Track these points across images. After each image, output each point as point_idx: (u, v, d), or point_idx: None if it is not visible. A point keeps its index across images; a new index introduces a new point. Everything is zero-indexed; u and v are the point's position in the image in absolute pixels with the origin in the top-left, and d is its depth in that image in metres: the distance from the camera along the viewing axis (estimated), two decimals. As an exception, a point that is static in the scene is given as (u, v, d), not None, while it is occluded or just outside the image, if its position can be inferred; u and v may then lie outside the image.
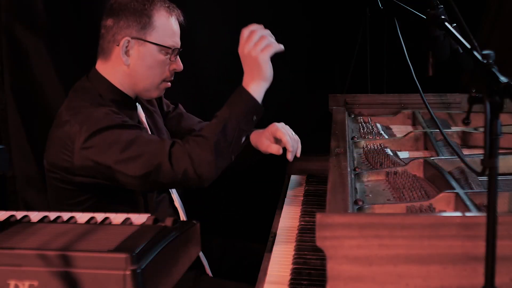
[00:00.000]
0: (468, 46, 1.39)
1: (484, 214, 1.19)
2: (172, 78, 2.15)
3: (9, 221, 1.26)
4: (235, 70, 3.51)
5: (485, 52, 1.27)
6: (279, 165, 2.75)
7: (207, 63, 3.40)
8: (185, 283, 2.13)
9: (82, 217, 1.29)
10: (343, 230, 1.36)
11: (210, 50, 3.39)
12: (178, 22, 2.13)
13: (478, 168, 1.21)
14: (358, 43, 3.19)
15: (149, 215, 1.26)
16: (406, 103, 2.67)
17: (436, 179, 1.84)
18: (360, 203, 1.68)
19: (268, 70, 2.00)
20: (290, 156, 2.16)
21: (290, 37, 3.56)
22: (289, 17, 3.53)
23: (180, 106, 2.50)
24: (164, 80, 2.12)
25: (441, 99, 2.64)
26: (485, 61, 1.25)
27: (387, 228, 1.35)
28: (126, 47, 2.03)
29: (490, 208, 1.15)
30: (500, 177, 1.78)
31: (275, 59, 2.19)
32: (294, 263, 1.82)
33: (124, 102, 2.10)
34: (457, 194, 1.63)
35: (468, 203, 1.55)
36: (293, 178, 2.64)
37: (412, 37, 2.33)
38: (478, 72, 1.25)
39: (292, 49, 3.57)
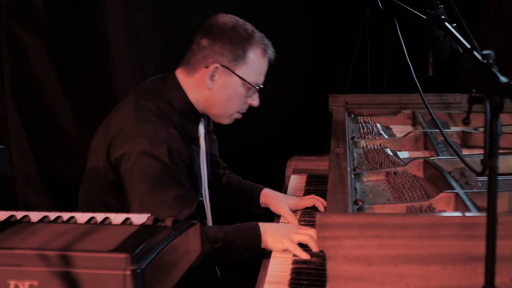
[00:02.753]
0: (468, 46, 1.39)
1: (484, 214, 1.19)
2: (245, 111, 2.17)
3: (9, 221, 1.26)
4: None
5: (485, 52, 1.27)
6: (279, 165, 2.75)
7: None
8: (185, 282, 2.14)
9: (82, 217, 1.29)
10: (343, 230, 1.36)
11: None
12: (270, 60, 2.14)
13: (478, 168, 1.21)
14: (358, 43, 3.19)
15: (149, 215, 1.26)
16: (406, 103, 2.67)
17: (436, 179, 1.84)
18: (360, 203, 1.67)
19: (280, 249, 1.94)
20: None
21: (290, 37, 3.58)
22: (290, 17, 3.53)
23: None
24: (238, 112, 2.15)
25: (441, 99, 2.64)
26: (485, 61, 1.25)
27: (387, 228, 1.35)
28: (213, 72, 2.03)
29: (490, 208, 1.15)
30: (500, 177, 1.78)
31: (276, 59, 2.18)
32: (294, 263, 1.83)
33: (191, 115, 2.10)
34: (457, 194, 1.63)
35: (468, 203, 1.55)
36: (293, 178, 2.63)
37: (412, 37, 2.33)
38: (478, 72, 1.25)
39: (292, 49, 3.59)
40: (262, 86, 2.14)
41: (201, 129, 2.17)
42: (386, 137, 2.39)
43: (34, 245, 1.12)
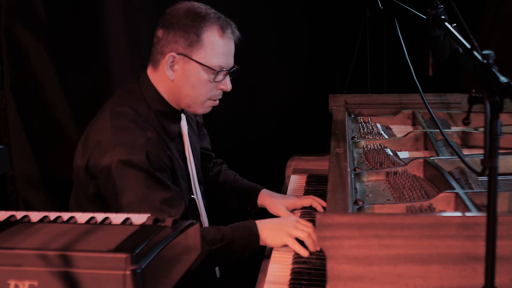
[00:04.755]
0: (468, 46, 1.39)
1: (484, 214, 1.19)
2: (220, 97, 2.08)
3: (9, 221, 1.26)
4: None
5: (485, 52, 1.27)
6: (279, 165, 2.75)
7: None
8: (185, 282, 2.14)
9: (82, 217, 1.28)
10: (343, 230, 1.37)
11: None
12: (234, 40, 2.04)
13: (478, 168, 1.21)
14: (358, 43, 3.19)
15: (149, 215, 1.26)
16: (406, 103, 2.67)
17: (436, 179, 1.84)
18: (360, 203, 1.67)
19: (279, 245, 1.94)
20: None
21: (290, 37, 3.59)
22: (289, 18, 3.53)
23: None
24: (210, 99, 2.05)
25: (441, 99, 2.64)
26: (485, 61, 1.25)
27: (387, 228, 1.35)
28: (172, 62, 1.97)
29: (490, 208, 1.15)
30: (500, 177, 1.78)
31: (276, 59, 2.19)
32: (294, 263, 1.82)
33: (169, 113, 2.06)
34: (457, 194, 1.63)
35: (468, 203, 1.56)
36: (293, 178, 2.63)
37: (412, 37, 2.33)
38: (478, 72, 1.25)
39: (292, 50, 3.59)
40: (231, 69, 2.03)
41: (184, 126, 2.14)
42: (386, 137, 2.39)
43: (34, 245, 1.12)
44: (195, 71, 1.98)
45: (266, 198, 2.33)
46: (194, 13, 1.98)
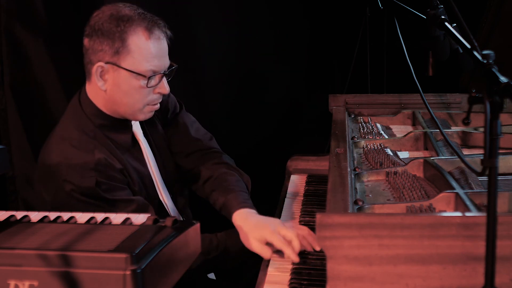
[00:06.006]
0: (468, 46, 1.39)
1: (484, 214, 1.19)
2: (160, 100, 1.98)
3: (9, 221, 1.26)
4: (235, 69, 3.54)
5: (485, 52, 1.27)
6: (279, 165, 2.75)
7: (207, 62, 3.40)
8: (185, 283, 2.14)
9: (82, 217, 1.29)
10: (343, 230, 1.36)
11: (210, 49, 3.39)
12: (166, 38, 1.94)
13: (478, 168, 1.21)
14: (358, 43, 3.19)
15: (149, 215, 1.26)
16: (406, 103, 2.67)
17: (436, 179, 1.84)
18: (360, 203, 1.67)
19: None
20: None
21: (290, 37, 3.59)
22: (289, 18, 3.54)
23: (182, 114, 2.25)
24: (148, 104, 1.94)
25: (441, 99, 2.64)
26: (485, 61, 1.25)
27: (387, 228, 1.35)
28: (101, 72, 1.88)
29: (490, 208, 1.15)
30: (500, 177, 1.78)
31: (276, 59, 2.19)
32: (294, 263, 1.82)
33: (113, 125, 1.97)
34: (457, 194, 1.63)
35: (468, 203, 1.56)
36: (293, 178, 2.63)
37: (412, 37, 2.33)
38: (478, 72, 1.25)
39: (292, 50, 3.60)
40: (168, 70, 1.92)
41: (138, 132, 2.04)
42: (386, 137, 2.39)
43: (34, 245, 1.12)
44: (126, 79, 1.87)
45: (238, 227, 1.91)
46: (118, 17, 1.87)
